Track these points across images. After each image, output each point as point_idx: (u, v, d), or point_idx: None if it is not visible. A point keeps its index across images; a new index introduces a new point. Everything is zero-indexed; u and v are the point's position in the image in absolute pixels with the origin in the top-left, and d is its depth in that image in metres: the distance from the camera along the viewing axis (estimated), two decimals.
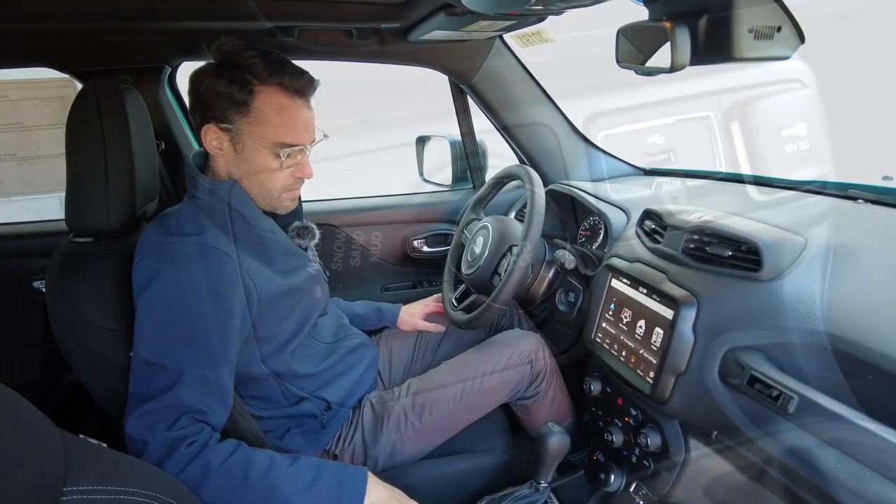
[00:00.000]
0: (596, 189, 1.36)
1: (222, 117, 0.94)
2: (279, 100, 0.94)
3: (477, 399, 1.17)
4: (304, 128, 0.97)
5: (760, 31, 0.81)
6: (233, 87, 0.92)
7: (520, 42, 1.43)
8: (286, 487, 0.85)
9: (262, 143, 0.95)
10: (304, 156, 1.00)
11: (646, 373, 0.91)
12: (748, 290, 0.81)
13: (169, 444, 0.82)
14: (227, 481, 0.83)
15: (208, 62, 0.96)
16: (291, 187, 1.02)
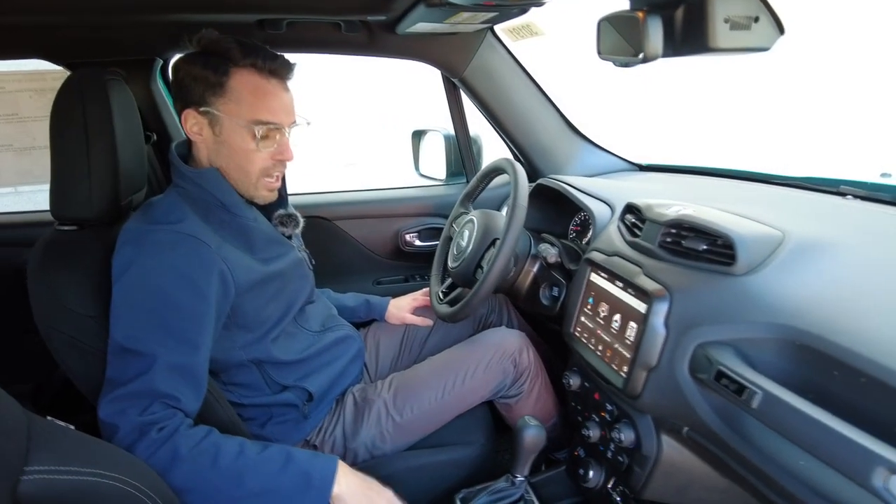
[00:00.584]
0: (585, 184, 1.35)
1: (200, 101, 0.96)
2: (253, 80, 0.96)
3: (458, 397, 1.17)
4: (279, 107, 0.98)
5: (737, 21, 0.79)
6: (208, 71, 0.94)
7: (511, 35, 1.43)
8: (254, 474, 0.85)
9: (237, 121, 0.96)
10: (282, 137, 1.00)
11: (620, 367, 0.90)
12: (721, 284, 0.80)
13: (140, 429, 0.83)
14: (195, 466, 0.83)
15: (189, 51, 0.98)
16: (270, 171, 1.02)
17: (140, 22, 1.14)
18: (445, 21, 1.12)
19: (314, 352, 1.15)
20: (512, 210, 1.11)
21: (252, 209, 1.06)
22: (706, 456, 0.82)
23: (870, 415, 0.60)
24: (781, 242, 0.82)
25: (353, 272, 1.70)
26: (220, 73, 0.94)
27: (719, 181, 1.37)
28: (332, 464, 0.91)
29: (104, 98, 0.96)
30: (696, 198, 1.14)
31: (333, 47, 1.37)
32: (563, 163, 1.63)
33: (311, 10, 1.18)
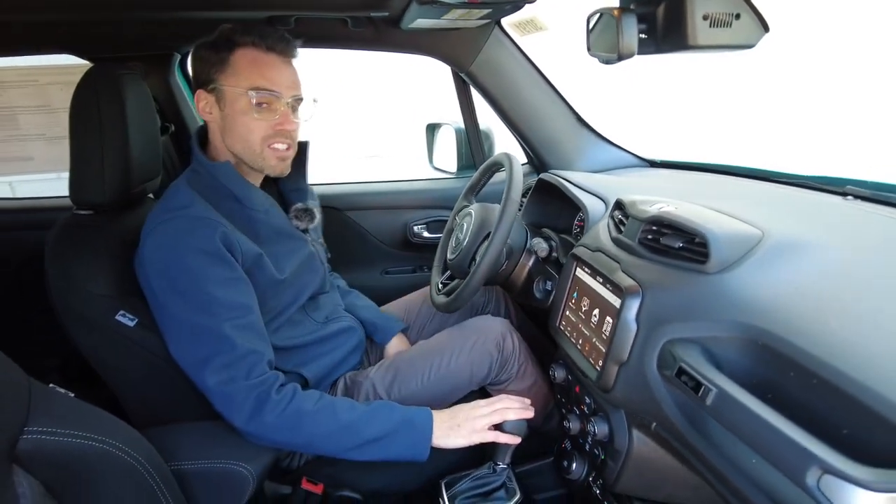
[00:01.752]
0: (584, 179, 1.35)
1: (207, 79, 1.04)
2: (252, 53, 1.02)
3: (442, 378, 1.19)
4: (277, 77, 1.03)
5: (717, 18, 0.79)
6: (213, 51, 1.02)
7: (518, 30, 1.44)
8: (367, 423, 0.98)
9: (237, 91, 1.02)
10: (284, 108, 1.04)
11: (596, 361, 0.91)
12: (693, 282, 0.80)
13: (257, 393, 0.93)
14: (320, 420, 0.96)
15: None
16: (272, 139, 1.06)
17: (157, 19, 1.21)
18: (443, 17, 1.14)
19: (314, 339, 1.20)
20: (504, 205, 1.13)
21: (264, 200, 1.11)
22: (674, 452, 0.82)
23: (820, 417, 0.60)
24: (759, 241, 0.81)
25: (362, 262, 1.75)
26: (223, 51, 1.02)
27: (725, 178, 1.35)
28: (426, 410, 1.03)
29: (118, 92, 1.03)
30: (693, 194, 1.14)
31: (342, 42, 1.41)
32: (571, 157, 1.63)
33: (316, 7, 1.22)
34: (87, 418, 0.77)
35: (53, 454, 0.71)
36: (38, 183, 1.80)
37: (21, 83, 1.49)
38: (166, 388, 1.04)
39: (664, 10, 0.82)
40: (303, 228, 1.19)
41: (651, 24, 0.83)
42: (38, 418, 0.72)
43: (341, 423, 0.98)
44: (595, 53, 0.92)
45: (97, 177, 1.02)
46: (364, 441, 0.98)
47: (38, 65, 1.46)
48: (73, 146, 1.02)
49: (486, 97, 1.57)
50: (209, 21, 1.18)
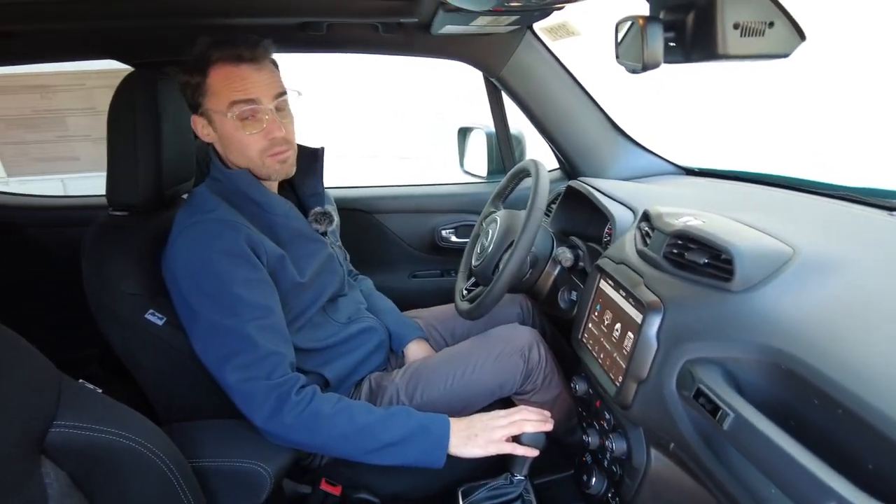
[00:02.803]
0: (614, 187, 1.32)
1: (195, 104, 1.06)
2: (224, 70, 1.02)
3: (466, 386, 1.19)
4: (253, 85, 1.02)
5: (749, 26, 0.76)
6: (190, 75, 1.03)
7: (550, 35, 1.42)
8: (383, 428, 0.99)
9: (220, 113, 1.03)
10: (269, 115, 1.04)
11: (616, 377, 0.89)
12: (716, 300, 0.77)
13: (278, 393, 0.96)
14: (337, 423, 0.97)
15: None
16: (269, 149, 1.07)
17: (192, 25, 1.24)
18: (472, 24, 1.14)
19: (336, 341, 1.22)
20: (528, 213, 1.12)
21: (283, 204, 1.13)
22: (693, 474, 0.80)
23: (844, 449, 0.57)
24: (789, 259, 0.78)
25: (389, 265, 1.76)
26: (198, 74, 1.03)
27: (762, 189, 1.30)
28: (444, 418, 1.03)
29: (153, 97, 1.07)
30: (726, 206, 1.10)
31: (373, 47, 1.42)
32: (604, 164, 1.60)
33: (348, 13, 1.23)
34: (113, 414, 0.80)
35: (80, 447, 0.75)
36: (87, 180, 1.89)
37: (70, 87, 1.57)
38: (192, 386, 1.07)
39: (693, 19, 0.79)
40: (322, 231, 1.20)
41: (680, 32, 0.81)
42: (67, 412, 0.75)
43: (357, 426, 0.99)
44: (622, 62, 0.90)
45: (131, 179, 1.06)
46: (380, 445, 0.99)
47: (85, 69, 1.53)
48: (110, 149, 1.06)
49: (517, 102, 1.55)
50: (245, 27, 1.21)
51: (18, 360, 0.72)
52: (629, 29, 0.87)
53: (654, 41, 0.77)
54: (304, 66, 2.04)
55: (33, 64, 1.41)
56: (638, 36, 0.81)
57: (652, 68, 0.79)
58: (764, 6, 0.75)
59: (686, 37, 0.81)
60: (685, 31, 0.81)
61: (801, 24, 0.77)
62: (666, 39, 0.79)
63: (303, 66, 2.02)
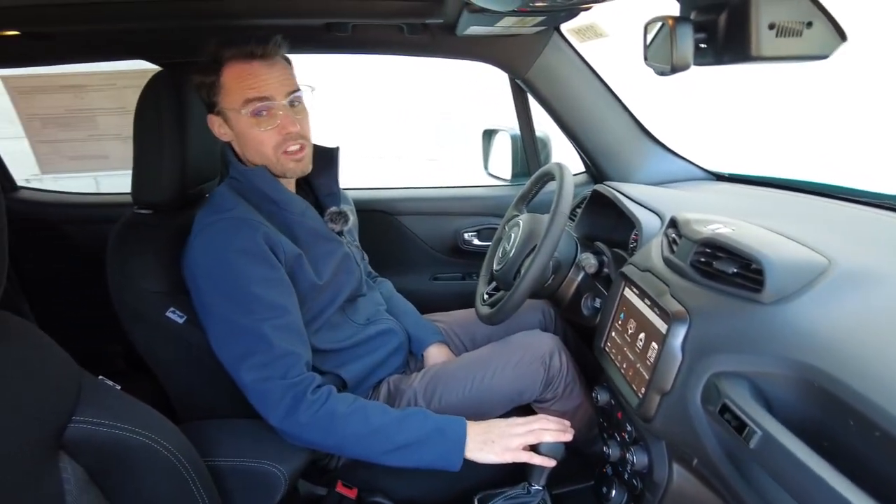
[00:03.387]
0: (640, 192, 1.29)
1: (211, 104, 1.06)
2: (236, 68, 1.03)
3: (485, 391, 1.17)
4: (265, 82, 1.03)
5: (786, 27, 0.73)
6: (204, 75, 1.04)
7: (577, 37, 1.39)
8: (398, 429, 0.98)
9: (234, 110, 1.04)
10: (283, 111, 1.05)
11: (638, 388, 0.87)
12: (745, 311, 0.74)
13: (293, 393, 0.96)
14: (352, 423, 0.97)
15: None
16: (282, 146, 1.07)
17: (219, 26, 1.25)
18: (497, 24, 1.12)
19: (354, 342, 1.21)
20: (551, 218, 1.09)
21: (300, 203, 1.13)
22: (716, 492, 0.77)
23: (881, 474, 0.54)
24: (824, 271, 0.74)
25: (411, 267, 1.75)
26: (212, 74, 1.04)
27: (797, 196, 1.25)
28: (461, 421, 1.01)
29: (178, 97, 1.08)
30: (758, 213, 1.06)
31: (398, 48, 1.42)
32: (631, 168, 1.56)
33: (372, 15, 1.23)
34: (131, 411, 0.81)
35: (98, 443, 0.75)
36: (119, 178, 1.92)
37: (101, 86, 1.61)
38: (211, 384, 1.07)
39: (726, 19, 0.76)
40: (337, 231, 1.20)
41: (711, 33, 0.78)
42: (86, 408, 0.76)
43: (372, 426, 0.98)
44: (651, 64, 0.87)
45: (155, 178, 1.07)
46: (395, 446, 0.98)
47: (116, 70, 1.56)
48: (136, 147, 1.08)
49: (543, 104, 1.53)
50: (270, 28, 1.22)
51: (40, 356, 0.73)
52: (658, 30, 0.84)
53: (684, 42, 0.74)
54: (318, 65, 2.05)
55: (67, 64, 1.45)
56: (667, 37, 0.78)
57: (681, 70, 0.76)
58: (802, 5, 0.72)
59: (718, 38, 0.78)
60: (717, 31, 0.78)
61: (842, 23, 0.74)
62: (696, 41, 0.76)
63: (317, 66, 2.03)
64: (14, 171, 1.73)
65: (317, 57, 1.49)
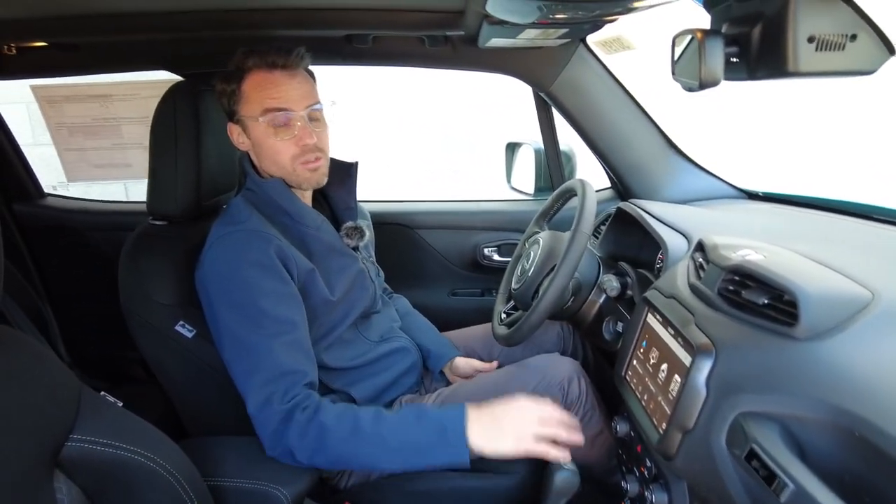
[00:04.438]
0: (667, 212, 1.23)
1: (230, 112, 1.06)
2: (258, 77, 1.03)
3: None
4: (285, 93, 1.03)
5: (827, 40, 0.68)
6: (226, 83, 1.05)
7: (604, 49, 1.35)
8: (392, 433, 0.92)
9: (253, 119, 1.03)
10: (301, 123, 1.04)
11: (659, 423, 0.81)
12: (777, 347, 0.69)
13: (285, 416, 0.92)
14: (341, 434, 0.92)
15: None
16: (300, 156, 1.06)
17: (241, 37, 1.25)
18: (519, 37, 1.09)
19: (366, 360, 1.18)
20: (572, 237, 1.05)
21: (315, 217, 1.11)
22: None
23: None
24: (867, 305, 0.68)
25: (429, 281, 1.72)
26: (234, 82, 1.04)
27: (837, 218, 1.17)
28: (460, 412, 0.94)
29: (194, 108, 1.07)
30: (794, 237, 1.00)
31: (419, 60, 1.40)
32: (658, 184, 1.50)
33: (393, 26, 1.21)
34: (131, 430, 0.79)
35: (95, 463, 0.74)
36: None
37: (126, 96, 1.64)
38: (218, 399, 1.06)
39: (760, 32, 0.71)
40: (353, 246, 1.18)
41: (744, 46, 0.73)
42: (85, 426, 0.74)
43: (363, 432, 0.92)
44: (678, 79, 0.83)
45: (170, 189, 1.07)
46: (389, 451, 0.92)
47: (140, 80, 1.59)
48: (151, 157, 1.08)
49: (567, 118, 1.49)
50: (292, 39, 1.21)
51: (40, 371, 0.72)
52: (687, 44, 0.79)
53: (714, 57, 0.69)
54: (339, 78, 2.06)
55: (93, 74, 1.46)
56: (696, 51, 0.73)
57: (710, 86, 0.71)
58: (845, 16, 0.66)
59: (751, 52, 0.73)
60: (750, 45, 0.73)
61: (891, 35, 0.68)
62: (727, 55, 0.71)
63: (338, 78, 2.03)
64: (44, 177, 1.77)
65: (339, 70, 1.48)
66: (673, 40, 0.84)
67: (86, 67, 1.41)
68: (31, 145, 2.32)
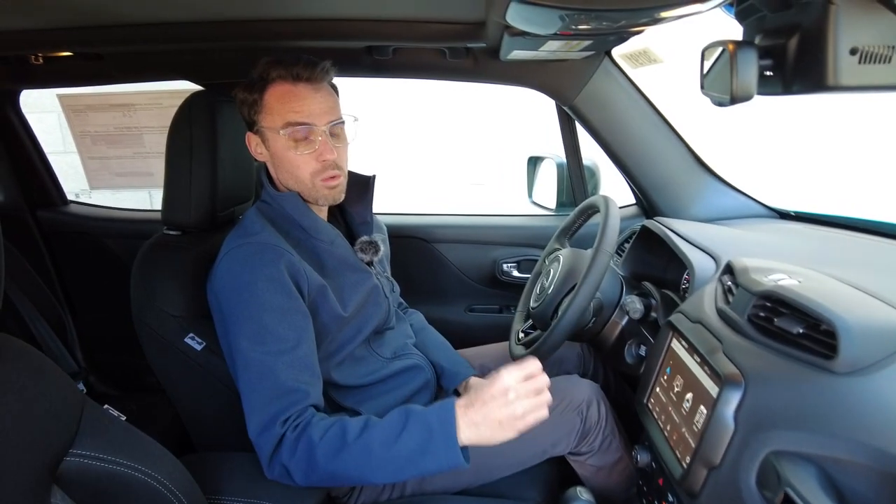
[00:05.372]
0: (695, 231, 1.18)
1: (251, 122, 1.05)
2: (281, 88, 1.01)
3: (516, 443, 1.07)
4: (308, 107, 1.00)
5: (871, 52, 0.63)
6: (248, 93, 1.03)
7: (630, 62, 1.31)
8: (380, 441, 0.86)
9: (273, 131, 1.02)
10: (322, 138, 1.02)
11: (683, 456, 0.76)
12: (813, 381, 0.64)
13: (277, 437, 0.89)
14: (329, 449, 0.86)
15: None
16: (320, 172, 1.04)
17: (261, 48, 1.25)
18: (542, 49, 1.06)
19: (377, 378, 1.15)
20: (594, 256, 1.01)
21: (330, 231, 1.09)
22: None
23: None
24: None
25: (446, 296, 1.69)
26: (256, 92, 1.02)
27: (879, 241, 1.11)
28: (447, 406, 0.88)
29: (211, 118, 1.07)
30: (831, 261, 0.94)
31: (440, 73, 1.38)
32: (685, 202, 1.45)
33: (414, 38, 1.20)
34: (132, 446, 0.77)
35: (93, 478, 0.72)
36: None
37: (148, 106, 1.66)
38: (226, 414, 1.04)
39: (797, 43, 0.67)
40: (367, 261, 1.15)
41: (779, 59, 0.69)
42: (85, 441, 0.72)
43: (350, 445, 0.87)
44: (708, 93, 0.79)
45: (184, 199, 1.06)
46: (379, 461, 0.87)
47: (162, 89, 1.60)
48: (167, 168, 1.07)
49: (591, 132, 1.45)
50: (311, 50, 1.20)
51: (41, 384, 0.70)
52: (718, 56, 0.76)
53: (746, 70, 0.65)
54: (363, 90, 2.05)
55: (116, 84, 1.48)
56: (727, 64, 0.69)
57: (742, 101, 0.67)
58: (892, 26, 0.62)
59: (787, 65, 0.69)
60: (786, 58, 0.69)
61: None
62: (761, 68, 0.67)
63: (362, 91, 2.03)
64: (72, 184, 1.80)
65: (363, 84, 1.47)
66: (702, 53, 0.80)
67: (109, 77, 1.43)
68: (62, 153, 2.37)
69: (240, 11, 1.09)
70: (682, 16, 0.75)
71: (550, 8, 0.65)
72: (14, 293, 1.61)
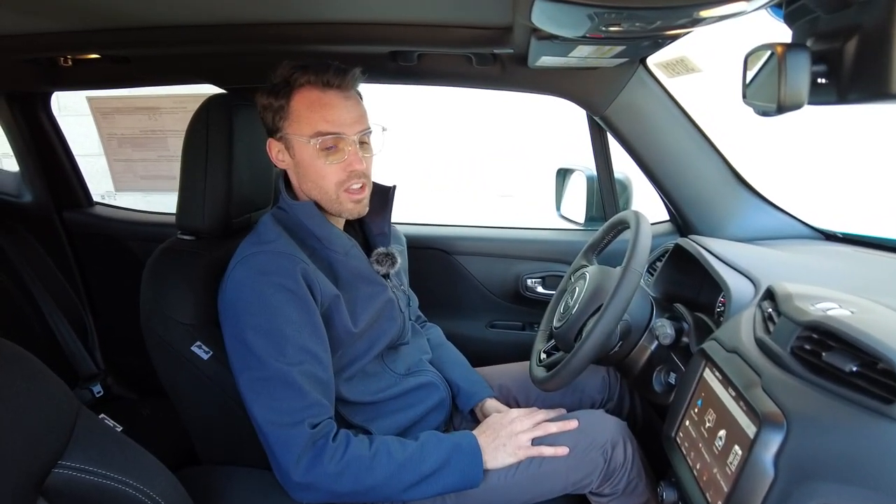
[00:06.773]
0: (732, 251, 1.10)
1: (274, 128, 1.01)
2: (311, 95, 0.98)
3: (535, 479, 1.01)
4: (337, 117, 0.97)
5: None
6: (273, 98, 0.99)
7: (666, 71, 1.25)
8: (420, 457, 0.96)
9: (301, 139, 0.98)
10: (351, 147, 0.99)
11: (714, 500, 0.69)
12: (868, 427, 0.56)
13: (316, 441, 0.90)
14: (379, 466, 0.93)
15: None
16: (345, 183, 1.01)
17: (284, 52, 1.23)
18: (571, 55, 1.00)
19: (390, 395, 1.10)
20: (622, 275, 0.94)
21: (345, 242, 1.05)
22: None
23: None
24: None
25: (467, 311, 1.63)
26: (282, 97, 0.99)
27: None
28: (470, 435, 1.02)
29: (227, 123, 1.05)
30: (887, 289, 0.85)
31: (466, 80, 1.34)
32: (722, 220, 1.37)
33: (439, 43, 1.16)
34: (124, 459, 0.74)
35: (80, 492, 0.69)
36: None
37: (173, 109, 1.67)
38: (231, 425, 1.01)
39: (855, 47, 0.60)
40: (383, 273, 1.10)
41: (834, 64, 0.62)
42: (76, 452, 0.70)
43: (398, 462, 0.94)
44: (751, 102, 0.72)
45: (198, 203, 1.04)
46: (421, 477, 0.94)
47: (187, 93, 1.61)
48: (182, 171, 1.06)
49: (623, 144, 1.38)
50: (335, 55, 1.18)
51: (35, 392, 0.68)
52: (764, 62, 0.69)
53: (797, 75, 0.59)
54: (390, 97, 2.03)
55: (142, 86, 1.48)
56: (774, 70, 0.63)
57: (791, 110, 0.60)
58: None
59: (843, 70, 0.62)
60: (842, 63, 0.62)
61: None
62: (814, 74, 0.60)
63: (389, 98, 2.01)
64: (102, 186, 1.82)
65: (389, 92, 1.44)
66: (745, 59, 0.73)
67: (135, 80, 1.43)
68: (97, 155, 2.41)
69: (263, 15, 1.07)
70: (724, 17, 0.69)
71: (577, 5, 0.60)
72: (39, 292, 1.62)
